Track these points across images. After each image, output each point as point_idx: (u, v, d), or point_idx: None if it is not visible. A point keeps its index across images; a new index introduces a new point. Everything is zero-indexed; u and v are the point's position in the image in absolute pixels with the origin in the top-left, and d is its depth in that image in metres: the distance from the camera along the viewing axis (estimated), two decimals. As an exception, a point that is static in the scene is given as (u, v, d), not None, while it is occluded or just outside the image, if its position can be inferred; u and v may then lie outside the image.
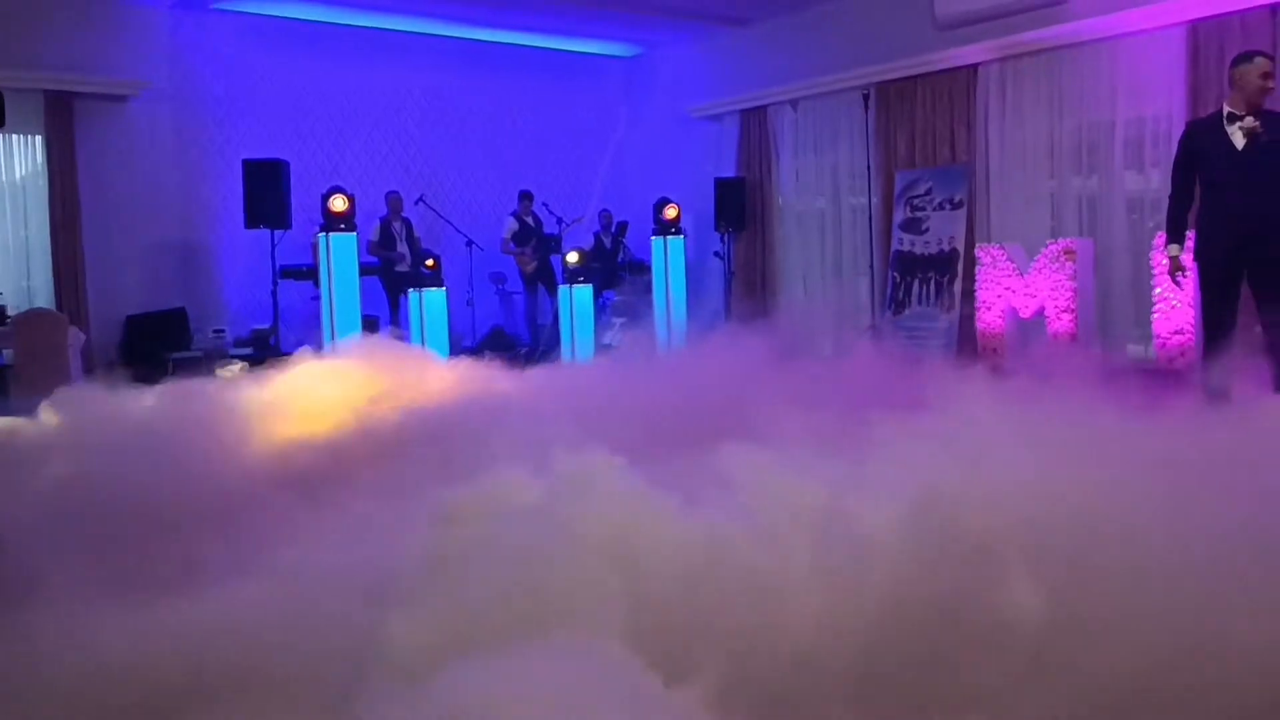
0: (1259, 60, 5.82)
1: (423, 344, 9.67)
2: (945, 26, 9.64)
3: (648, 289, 11.27)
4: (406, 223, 11.04)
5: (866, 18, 10.43)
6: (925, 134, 10.05)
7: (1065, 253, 8.40)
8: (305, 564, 2.74)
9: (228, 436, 4.37)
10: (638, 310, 11.03)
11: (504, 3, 10.85)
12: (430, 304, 9.85)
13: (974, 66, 9.56)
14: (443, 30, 11.82)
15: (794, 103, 11.33)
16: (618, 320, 11.18)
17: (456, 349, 10.45)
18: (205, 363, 8.62)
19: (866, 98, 10.32)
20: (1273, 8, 7.61)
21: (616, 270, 11.91)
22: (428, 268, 10.22)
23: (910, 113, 10.15)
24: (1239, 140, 5.80)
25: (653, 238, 11.21)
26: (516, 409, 4.58)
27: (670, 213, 11.15)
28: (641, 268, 11.77)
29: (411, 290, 9.96)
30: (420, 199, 11.27)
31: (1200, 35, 8.00)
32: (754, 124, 11.79)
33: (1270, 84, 5.78)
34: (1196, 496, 2.42)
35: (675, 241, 11.15)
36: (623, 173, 13.05)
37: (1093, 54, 8.70)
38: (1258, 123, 5.73)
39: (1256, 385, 4.75)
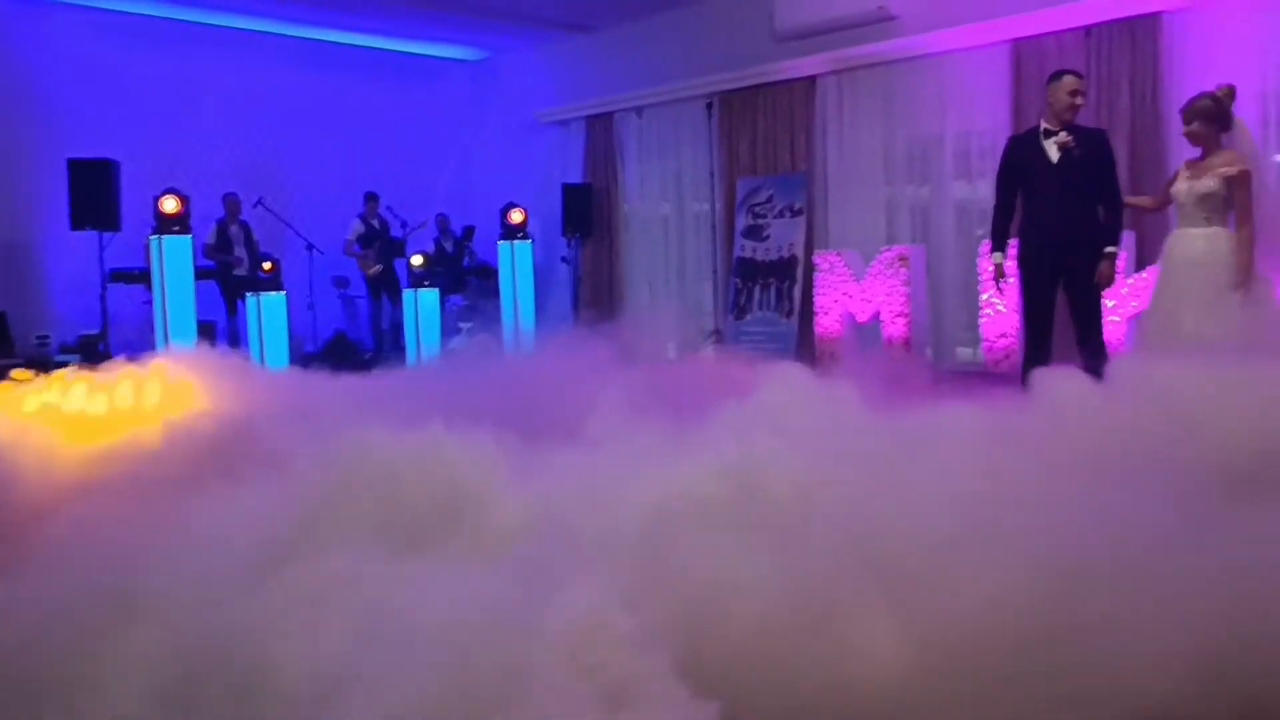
0: (1067, 79, 6.17)
1: (261, 349, 9.43)
2: (785, 38, 9.89)
3: (495, 293, 11.23)
4: (245, 226, 10.75)
5: (709, 28, 10.62)
6: (766, 142, 10.28)
7: (899, 259, 8.70)
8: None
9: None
10: (484, 315, 10.98)
11: (344, 3, 10.67)
12: (269, 309, 9.60)
13: (812, 78, 9.83)
14: (284, 29, 11.57)
15: (639, 110, 11.46)
16: (464, 325, 11.11)
17: (297, 354, 10.22)
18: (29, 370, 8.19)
19: (710, 106, 10.52)
20: (1086, 29, 8.05)
21: (462, 275, 11.82)
22: (265, 271, 9.96)
23: (752, 121, 10.37)
24: (1054, 154, 6.13)
25: (499, 242, 11.17)
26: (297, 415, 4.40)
27: (516, 217, 11.13)
28: (488, 272, 11.71)
29: (249, 295, 9.70)
30: (259, 201, 10.97)
31: (1022, 53, 8.41)
32: (600, 130, 11.87)
33: (1078, 100, 6.12)
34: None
35: (522, 246, 11.13)
36: (470, 177, 12.97)
37: (923, 69, 9.05)
38: (1070, 138, 6.07)
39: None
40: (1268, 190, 5.68)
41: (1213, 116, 5.80)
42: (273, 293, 9.70)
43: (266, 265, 10.04)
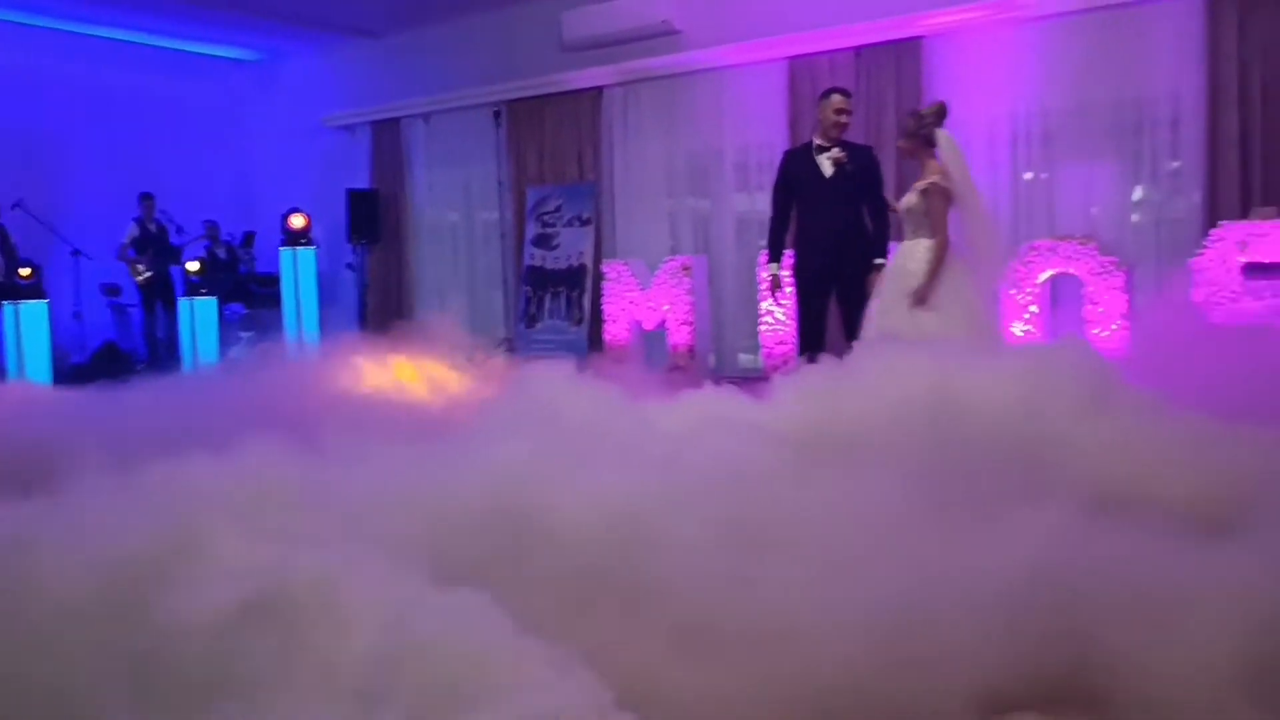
0: (835, 97, 6.46)
1: (19, 361, 8.87)
2: (572, 49, 9.98)
3: (277, 301, 10.88)
4: (1, 229, 10.07)
5: (497, 36, 10.60)
6: (555, 152, 10.35)
7: (683, 269, 8.90)
8: None
9: None
10: (266, 323, 10.64)
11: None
12: (28, 317, 9.03)
13: (599, 89, 9.96)
14: (53, 23, 10.90)
15: (426, 116, 11.34)
16: (245, 334, 10.73)
17: (62, 366, 9.65)
18: None
19: (498, 114, 10.51)
20: (857, 50, 8.45)
21: (242, 282, 11.40)
22: (23, 278, 9.36)
23: (540, 131, 10.42)
24: (828, 169, 6.40)
25: (281, 249, 10.84)
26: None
27: (298, 223, 10.81)
28: (270, 280, 11.34)
29: (6, 303, 9.09)
30: (17, 204, 10.30)
31: (797, 71, 8.75)
32: (387, 136, 11.69)
33: (843, 119, 6.41)
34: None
35: (305, 253, 10.82)
36: (252, 182, 12.53)
37: (705, 83, 9.30)
38: (844, 154, 6.35)
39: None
40: (969, 205, 5.92)
41: (913, 133, 6.04)
42: (32, 301, 9.13)
43: (25, 271, 9.44)
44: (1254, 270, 6.61)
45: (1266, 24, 6.98)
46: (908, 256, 5.91)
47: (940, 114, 6.00)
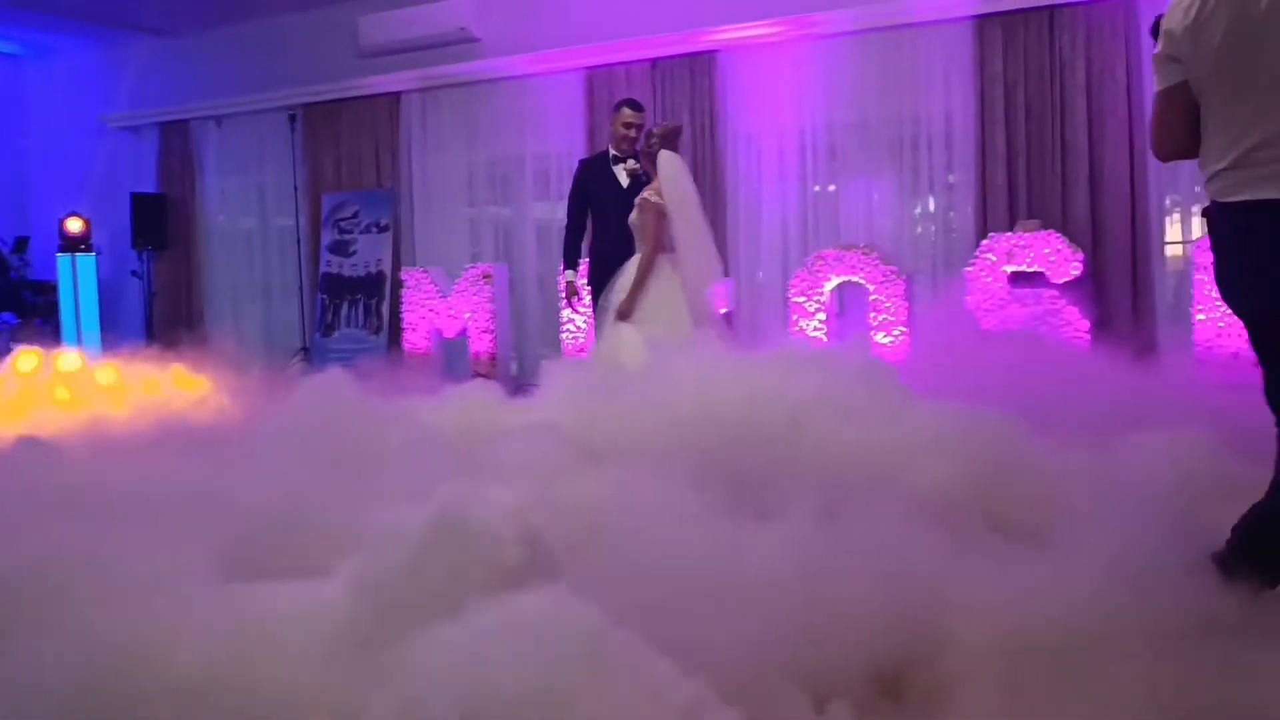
0: (624, 111, 6.60)
1: None
2: (369, 54, 9.81)
3: (55, 310, 10.30)
4: None
5: (293, 39, 10.32)
6: (352, 158, 10.15)
7: (484, 276, 8.86)
8: None
9: None
10: (41, 333, 10.04)
11: None
12: None
13: (397, 94, 9.83)
14: None
15: (218, 119, 10.94)
16: (17, 346, 10.09)
17: None
18: None
19: (294, 119, 10.24)
20: (653, 62, 8.60)
21: (14, 289, 10.74)
22: None
23: (337, 136, 10.20)
24: (624, 179, 6.51)
25: (58, 255, 10.26)
26: None
27: (75, 227, 10.27)
28: (48, 287, 10.72)
29: None
30: None
31: (595, 81, 8.85)
32: (176, 139, 11.22)
33: (632, 133, 6.51)
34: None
35: (85, 259, 10.30)
36: (25, 184, 11.82)
37: (504, 91, 9.29)
38: (639, 165, 6.47)
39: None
40: (684, 223, 6.01)
41: (645, 151, 6.19)
42: None
43: None
44: (1019, 279, 7.05)
45: (1030, 47, 7.45)
46: (626, 271, 6.06)
47: (666, 135, 6.13)
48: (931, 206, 8.16)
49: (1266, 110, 2.62)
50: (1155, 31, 2.90)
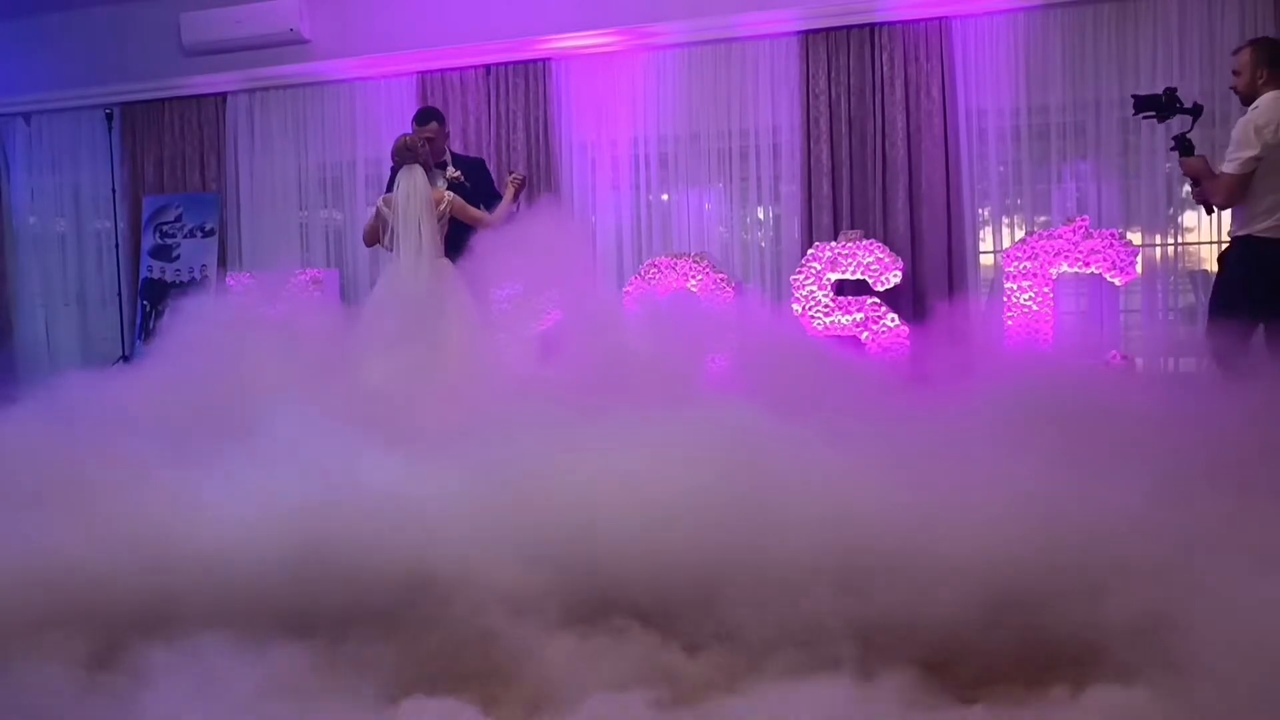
0: (430, 125, 6.76)
1: None
2: (193, 52, 9.49)
3: None
4: None
5: (111, 34, 9.88)
6: (175, 159, 9.79)
7: (313, 282, 8.68)
8: None
9: None
10: None
11: None
12: None
13: (223, 95, 9.54)
14: None
15: (27, 116, 10.40)
16: None
17: None
18: None
19: (110, 117, 9.82)
20: (486, 68, 8.58)
21: None
22: None
23: (159, 136, 9.82)
24: (443, 186, 6.58)
25: None
26: None
27: None
28: None
29: None
30: None
31: (428, 85, 8.77)
32: (-20, 136, 10.62)
33: (425, 146, 6.60)
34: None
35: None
36: None
37: (335, 94, 9.12)
38: (458, 172, 6.50)
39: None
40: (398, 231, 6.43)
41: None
42: None
43: None
44: (842, 287, 7.30)
45: (852, 65, 7.73)
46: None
47: (400, 151, 6.50)
48: (760, 216, 8.37)
49: None
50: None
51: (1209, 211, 5.53)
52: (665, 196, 8.47)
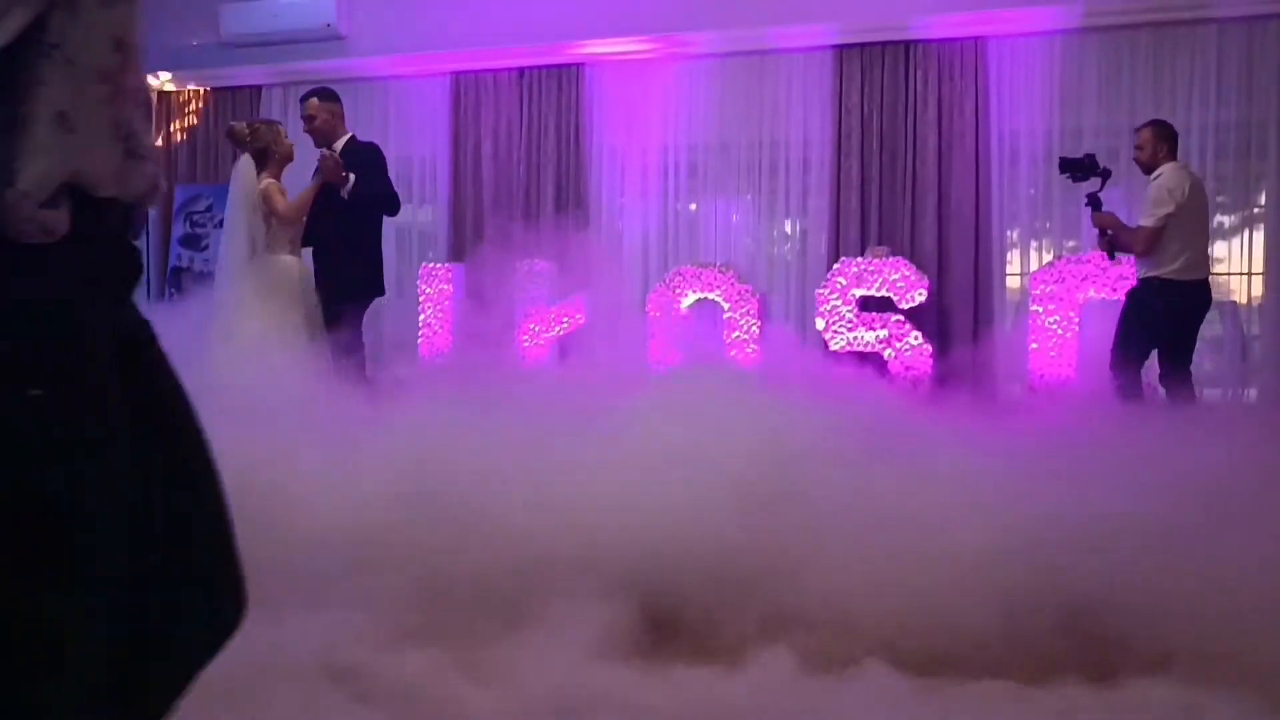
0: (310, 102, 6.69)
1: None
2: (231, 44, 9.54)
3: None
4: None
5: (153, 24, 9.95)
6: (207, 149, 9.87)
7: (339, 277, 8.70)
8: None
9: None
10: None
11: None
12: None
13: (259, 88, 9.61)
14: None
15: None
16: None
17: None
18: None
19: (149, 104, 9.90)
20: (520, 71, 8.61)
21: None
22: None
23: (193, 126, 9.91)
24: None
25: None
26: None
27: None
28: None
29: None
30: None
31: (461, 85, 8.81)
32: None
33: (310, 125, 6.64)
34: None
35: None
36: None
37: (369, 91, 9.16)
38: (328, 153, 6.30)
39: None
40: None
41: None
42: None
43: None
44: (867, 303, 7.27)
45: (886, 80, 7.71)
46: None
47: (229, 138, 6.73)
48: (787, 229, 8.36)
49: None
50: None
51: (1111, 257, 6.33)
52: (693, 205, 8.47)
